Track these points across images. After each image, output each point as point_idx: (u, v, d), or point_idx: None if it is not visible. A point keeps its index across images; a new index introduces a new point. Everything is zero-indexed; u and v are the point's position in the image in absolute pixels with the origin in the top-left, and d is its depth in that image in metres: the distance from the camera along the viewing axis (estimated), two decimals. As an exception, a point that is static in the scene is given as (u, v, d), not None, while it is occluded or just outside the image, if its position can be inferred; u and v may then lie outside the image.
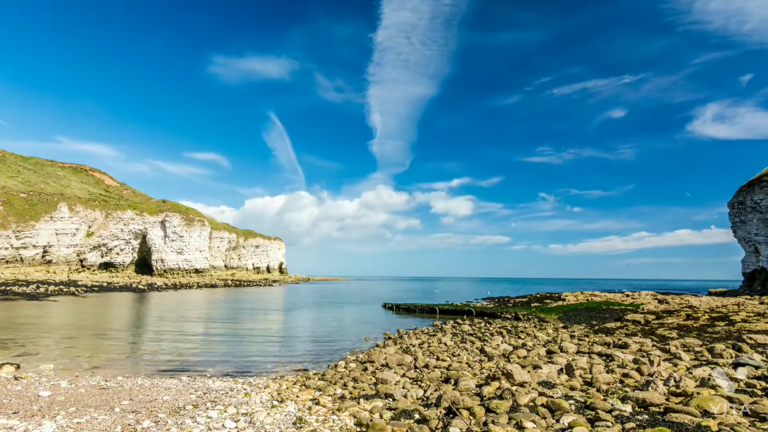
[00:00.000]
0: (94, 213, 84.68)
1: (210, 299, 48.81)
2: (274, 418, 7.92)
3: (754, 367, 10.79)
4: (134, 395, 9.54)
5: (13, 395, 9.20)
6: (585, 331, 21.71)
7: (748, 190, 60.78)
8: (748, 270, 61.89)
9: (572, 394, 9.00)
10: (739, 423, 6.77)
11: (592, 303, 38.16)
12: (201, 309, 37.03)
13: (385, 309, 40.19)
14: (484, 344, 17.14)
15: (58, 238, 75.18)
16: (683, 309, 30.60)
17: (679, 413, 7.23)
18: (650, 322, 24.19)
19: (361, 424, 7.59)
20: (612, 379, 10.31)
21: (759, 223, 58.81)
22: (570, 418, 7.19)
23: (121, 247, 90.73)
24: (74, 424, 7.40)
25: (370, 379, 11.50)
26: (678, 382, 9.41)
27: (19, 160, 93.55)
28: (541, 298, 48.85)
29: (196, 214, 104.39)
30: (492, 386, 9.62)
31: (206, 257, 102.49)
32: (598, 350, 14.55)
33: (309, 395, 9.85)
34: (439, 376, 11.39)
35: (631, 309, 32.09)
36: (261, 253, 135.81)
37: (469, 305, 39.14)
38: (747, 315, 24.46)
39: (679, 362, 12.34)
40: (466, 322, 26.65)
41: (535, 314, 30.73)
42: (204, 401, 9.15)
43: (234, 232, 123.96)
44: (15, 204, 70.36)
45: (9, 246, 66.72)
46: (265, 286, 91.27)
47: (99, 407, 8.48)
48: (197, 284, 78.82)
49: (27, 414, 7.89)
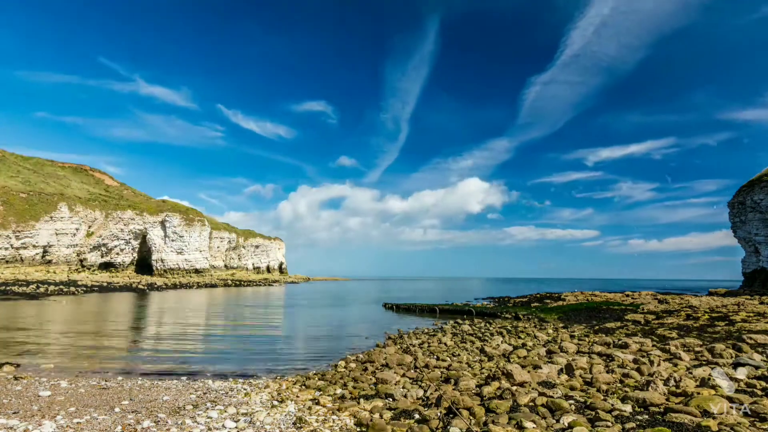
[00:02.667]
0: (94, 213, 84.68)
1: (210, 299, 48.80)
2: (274, 418, 7.92)
3: (754, 367, 10.79)
4: (134, 395, 9.54)
5: (13, 395, 9.20)
6: (585, 331, 21.70)
7: (748, 190, 60.79)
8: (748, 270, 61.89)
9: (572, 394, 8.99)
10: (739, 423, 6.77)
11: (592, 303, 38.14)
12: (201, 309, 37.03)
13: (385, 309, 40.29)
14: (484, 344, 17.13)
15: (58, 238, 75.16)
16: (683, 309, 30.57)
17: (679, 413, 7.23)
18: (650, 322, 24.17)
19: (362, 424, 7.59)
20: (612, 379, 10.31)
21: (759, 223, 58.82)
22: (570, 418, 7.19)
23: (121, 247, 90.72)
24: (74, 424, 7.39)
25: (370, 379, 11.49)
26: (678, 382, 9.41)
27: (19, 160, 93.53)
28: (541, 298, 48.85)
29: (196, 214, 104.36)
30: (492, 386, 9.62)
31: (206, 257, 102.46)
32: (598, 350, 14.54)
33: (309, 395, 9.84)
34: (439, 376, 11.38)
35: (631, 309, 32.07)
36: (261, 253, 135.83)
37: (469, 305, 39.16)
38: (747, 315, 24.43)
39: (679, 362, 12.34)
40: (466, 322, 26.64)
41: (535, 314, 30.73)
42: (204, 401, 9.15)
43: (234, 232, 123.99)
44: (15, 204, 70.35)
45: (9, 246, 66.71)
46: (265, 286, 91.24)
47: (99, 407, 8.48)
48: (197, 284, 78.80)
49: (27, 414, 7.89)
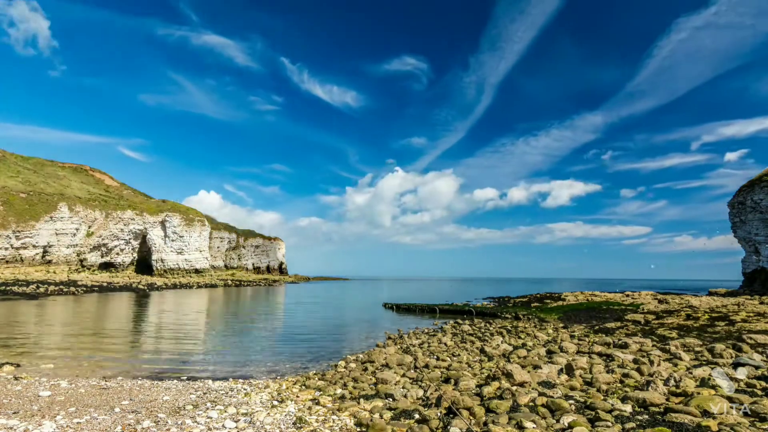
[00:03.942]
0: (94, 213, 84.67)
1: (210, 299, 48.79)
2: (274, 418, 7.92)
3: (754, 367, 10.78)
4: (134, 395, 9.54)
5: (13, 395, 9.20)
6: (585, 331, 21.69)
7: (748, 190, 60.73)
8: (748, 270, 61.86)
9: (572, 394, 8.99)
10: (739, 423, 6.77)
11: (592, 303, 38.15)
12: (201, 309, 37.02)
13: (386, 308, 40.30)
14: (484, 344, 17.13)
15: (58, 238, 75.16)
16: (683, 309, 30.56)
17: (679, 413, 7.22)
18: (650, 322, 24.17)
19: (361, 424, 7.59)
20: (612, 379, 10.31)
21: (759, 223, 58.79)
22: (570, 418, 7.19)
23: (121, 247, 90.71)
24: (74, 424, 7.39)
25: (370, 379, 11.49)
26: (678, 382, 9.40)
27: (19, 160, 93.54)
28: (541, 298, 48.84)
29: (196, 214, 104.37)
30: (492, 386, 9.61)
31: (206, 257, 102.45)
32: (598, 350, 14.53)
33: (309, 395, 9.84)
34: (439, 376, 11.38)
35: (631, 309, 32.06)
36: (261, 253, 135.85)
37: (469, 305, 39.16)
38: (747, 315, 24.43)
39: (679, 362, 12.33)
40: (466, 322, 26.64)
41: (535, 314, 30.73)
42: (204, 401, 9.15)
43: (234, 232, 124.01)
44: (15, 204, 70.34)
45: (9, 246, 66.70)
46: (265, 285, 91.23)
47: (99, 407, 8.47)
48: (197, 284, 78.79)
49: (27, 414, 7.89)
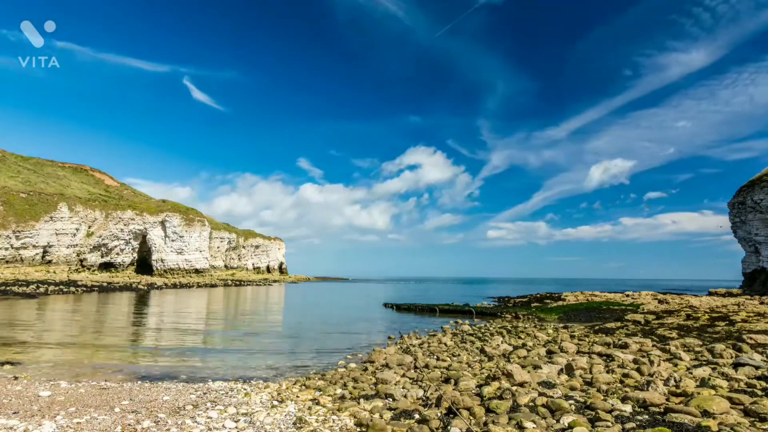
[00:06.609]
0: (94, 213, 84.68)
1: (210, 299, 48.80)
2: (274, 418, 7.92)
3: (755, 367, 10.78)
4: (134, 395, 9.54)
5: (12, 395, 9.20)
6: (585, 331, 21.69)
7: (748, 190, 60.72)
8: (748, 270, 61.87)
9: (572, 394, 8.99)
10: (739, 423, 6.77)
11: (592, 303, 38.14)
12: (201, 309, 37.03)
13: (386, 308, 40.32)
14: (484, 344, 17.12)
15: (58, 238, 75.16)
16: (683, 309, 30.57)
17: (679, 413, 7.22)
18: (650, 322, 24.16)
19: (361, 424, 7.58)
20: (612, 379, 10.31)
21: (759, 223, 58.78)
22: (570, 418, 7.19)
23: (121, 247, 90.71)
24: (74, 424, 7.39)
25: (370, 379, 11.49)
26: (678, 382, 9.41)
27: (19, 160, 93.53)
28: (541, 298, 48.86)
29: (196, 214, 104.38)
30: (492, 386, 9.61)
31: (206, 257, 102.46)
32: (598, 350, 14.53)
33: (309, 395, 9.84)
34: (439, 376, 11.38)
35: (631, 309, 32.06)
36: (261, 253, 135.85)
37: (469, 305, 39.15)
38: (747, 315, 24.43)
39: (679, 362, 12.33)
40: (466, 322, 26.63)
41: (535, 314, 30.73)
42: (204, 401, 9.14)
43: (234, 232, 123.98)
44: (15, 204, 70.35)
45: (9, 246, 66.70)
46: (265, 285, 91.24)
47: (99, 407, 8.47)
48: (197, 284, 78.80)
49: (27, 414, 7.89)
